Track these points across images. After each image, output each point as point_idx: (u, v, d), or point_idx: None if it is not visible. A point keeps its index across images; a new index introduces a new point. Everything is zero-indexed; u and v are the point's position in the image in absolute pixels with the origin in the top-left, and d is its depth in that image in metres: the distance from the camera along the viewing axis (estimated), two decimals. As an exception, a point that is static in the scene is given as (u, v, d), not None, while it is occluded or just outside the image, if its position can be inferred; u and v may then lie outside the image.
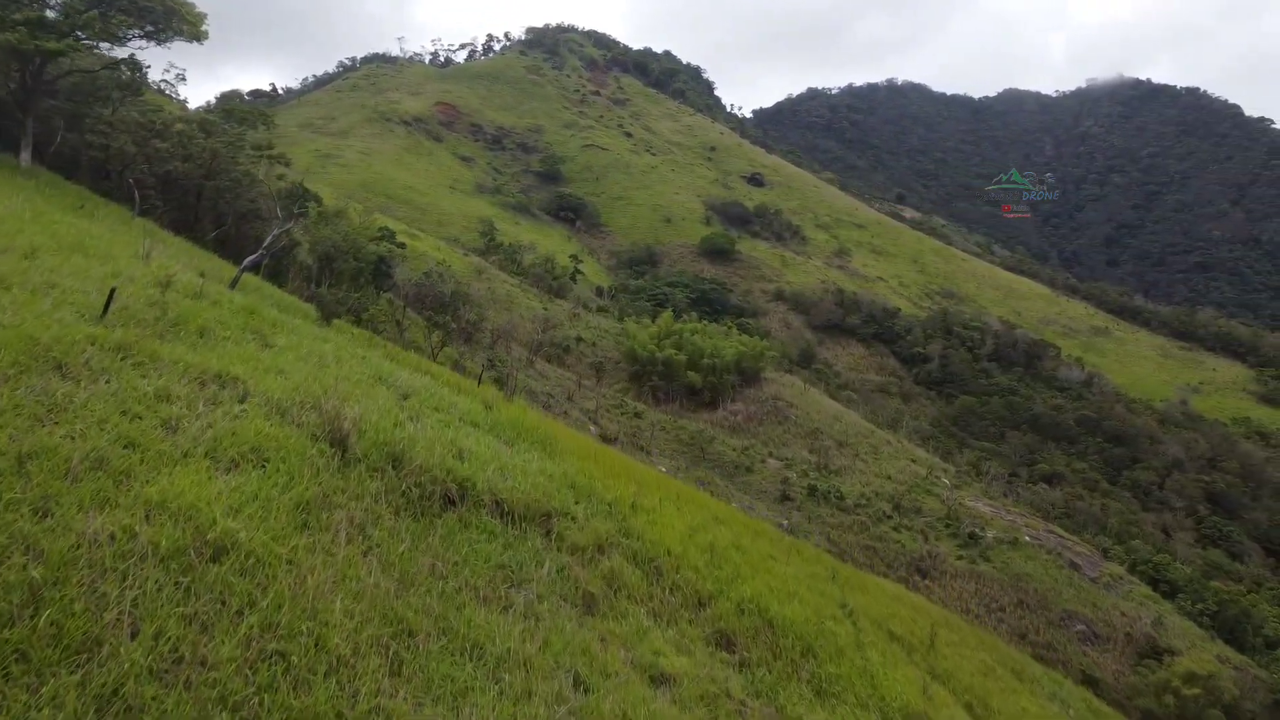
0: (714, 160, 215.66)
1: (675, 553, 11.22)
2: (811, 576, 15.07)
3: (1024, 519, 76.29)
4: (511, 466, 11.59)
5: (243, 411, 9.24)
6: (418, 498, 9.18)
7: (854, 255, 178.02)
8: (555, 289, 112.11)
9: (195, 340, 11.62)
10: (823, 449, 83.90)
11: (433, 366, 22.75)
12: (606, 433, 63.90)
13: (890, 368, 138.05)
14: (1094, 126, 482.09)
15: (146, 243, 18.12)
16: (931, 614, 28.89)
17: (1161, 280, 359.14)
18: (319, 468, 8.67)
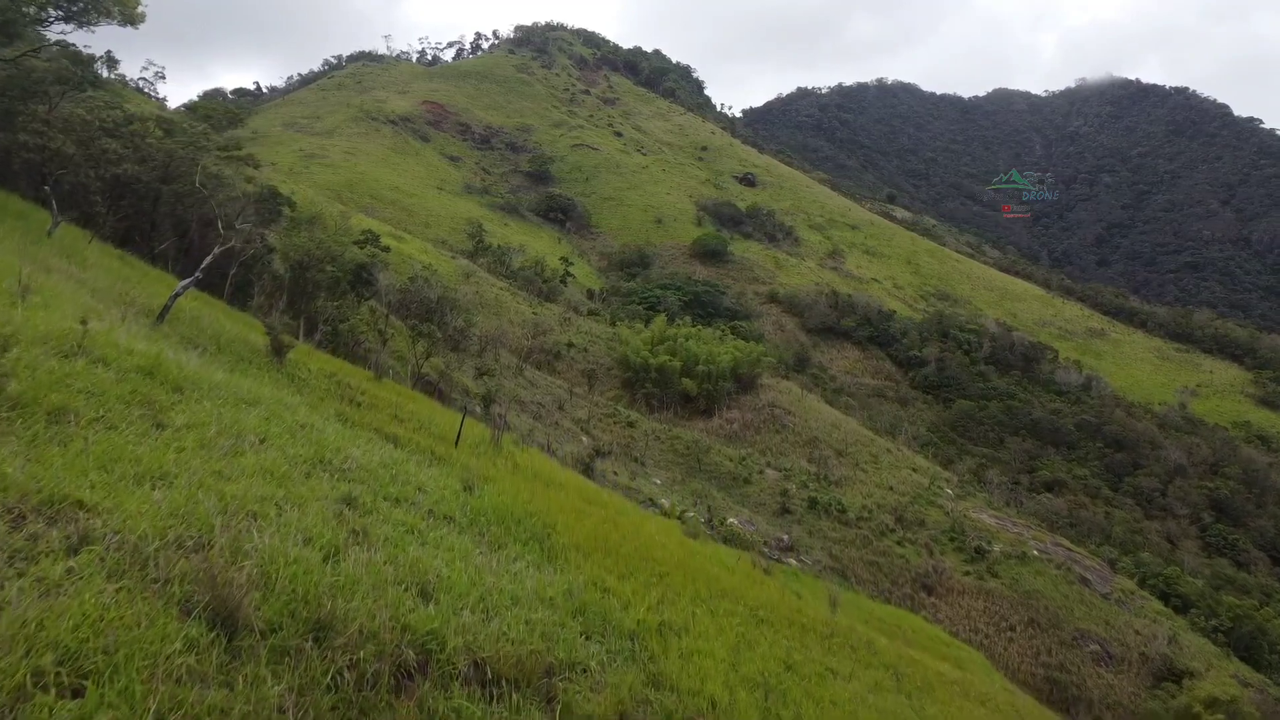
0: (706, 160, 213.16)
1: (721, 704, 8.25)
2: (876, 687, 12.46)
3: (1030, 531, 73.94)
4: (497, 593, 8.50)
5: (71, 573, 5.79)
6: (354, 685, 5.86)
7: (848, 256, 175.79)
8: (545, 292, 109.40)
9: (37, 433, 7.94)
10: (822, 458, 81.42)
11: (399, 428, 19.77)
12: (600, 445, 61.21)
13: (886, 371, 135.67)
14: (1083, 126, 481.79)
15: (26, 271, 13.79)
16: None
17: (1152, 280, 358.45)
18: (183, 673, 5.27)
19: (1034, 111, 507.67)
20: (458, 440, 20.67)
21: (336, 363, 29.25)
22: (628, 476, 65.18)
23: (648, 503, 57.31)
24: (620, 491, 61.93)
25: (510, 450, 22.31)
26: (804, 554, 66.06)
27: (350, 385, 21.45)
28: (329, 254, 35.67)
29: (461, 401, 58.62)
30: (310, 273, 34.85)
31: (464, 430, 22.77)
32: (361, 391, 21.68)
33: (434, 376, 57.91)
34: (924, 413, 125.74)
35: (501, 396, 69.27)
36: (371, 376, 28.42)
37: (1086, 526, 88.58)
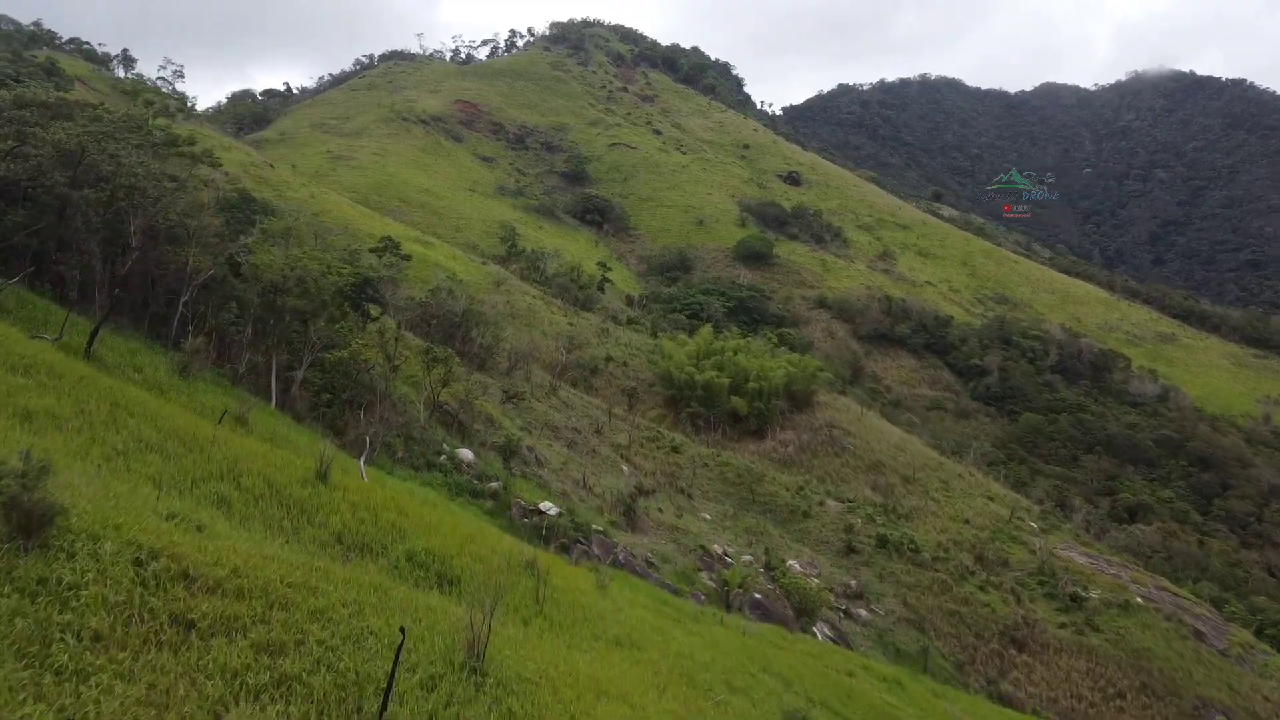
0: (748, 158, 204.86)
1: None
2: None
3: (1129, 572, 65.37)
4: None
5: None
6: None
7: (899, 258, 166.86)
8: (581, 300, 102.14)
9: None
10: (887, 486, 73.37)
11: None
12: (643, 483, 53.73)
13: (944, 381, 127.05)
14: (1135, 120, 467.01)
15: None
16: None
17: (1211, 279, 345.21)
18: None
19: (1083, 106, 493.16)
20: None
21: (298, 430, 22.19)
22: (674, 513, 57.72)
23: (699, 552, 49.73)
24: (666, 534, 54.51)
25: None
26: (874, 602, 58.16)
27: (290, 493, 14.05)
28: (303, 276, 28.47)
29: (484, 435, 51.46)
30: (283, 298, 27.78)
31: (487, 550, 15.64)
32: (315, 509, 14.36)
33: (453, 406, 50.75)
34: (987, 427, 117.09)
35: (532, 423, 62.06)
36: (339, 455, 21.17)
37: (1181, 559, 79.67)
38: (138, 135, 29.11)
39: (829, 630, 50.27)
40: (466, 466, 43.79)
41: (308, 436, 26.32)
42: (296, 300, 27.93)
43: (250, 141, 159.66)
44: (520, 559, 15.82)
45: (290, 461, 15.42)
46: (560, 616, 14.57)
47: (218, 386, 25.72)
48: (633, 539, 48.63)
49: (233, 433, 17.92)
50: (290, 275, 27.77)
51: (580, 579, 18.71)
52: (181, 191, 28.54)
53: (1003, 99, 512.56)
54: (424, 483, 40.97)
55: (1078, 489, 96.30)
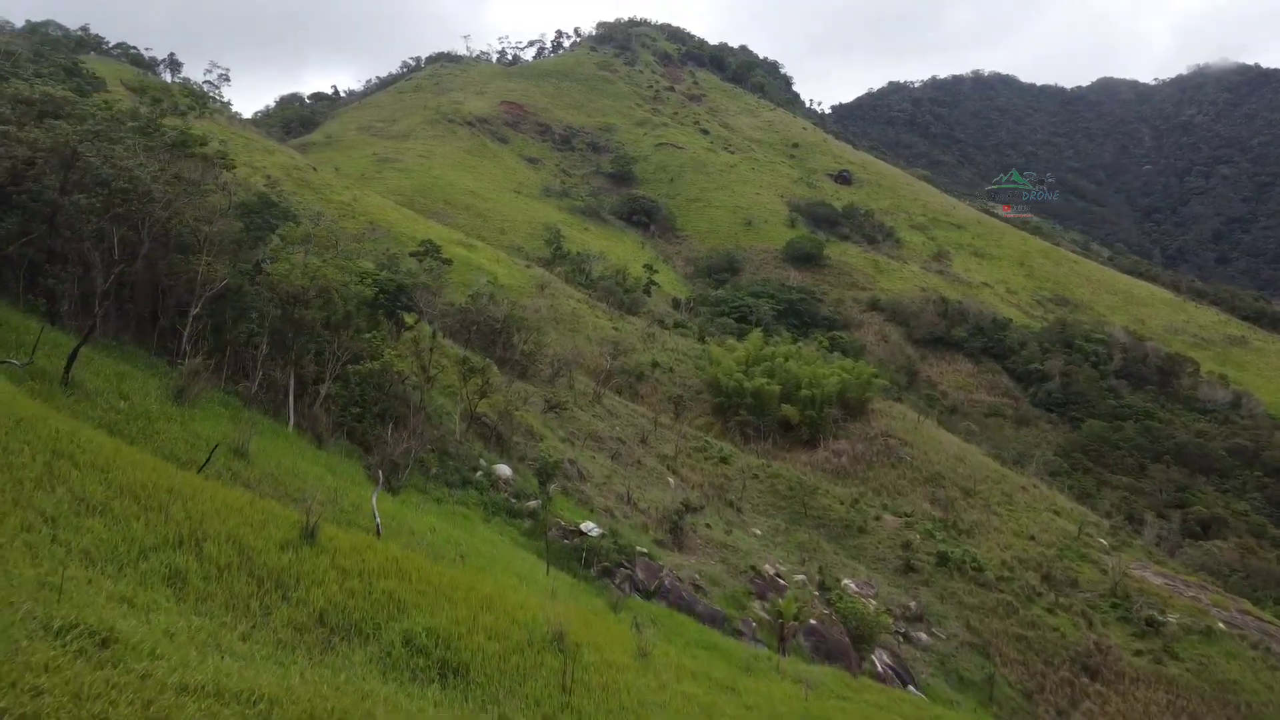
0: (797, 158, 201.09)
1: None
2: None
3: (1208, 594, 61.36)
4: None
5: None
6: None
7: (954, 258, 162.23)
8: (627, 304, 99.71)
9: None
10: (947, 500, 69.96)
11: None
12: (690, 499, 51.08)
13: (1003, 387, 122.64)
14: (1197, 115, 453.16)
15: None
16: None
17: (1279, 278, 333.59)
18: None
19: (1142, 101, 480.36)
20: None
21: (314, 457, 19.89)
22: (722, 529, 55.02)
23: (749, 574, 46.98)
24: (714, 553, 51.83)
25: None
26: (935, 625, 54.95)
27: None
28: (329, 285, 26.24)
29: (524, 448, 49.15)
30: (301, 310, 25.61)
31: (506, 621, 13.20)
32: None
33: (491, 418, 48.54)
34: (1048, 435, 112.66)
35: (574, 434, 59.71)
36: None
37: (1260, 578, 75.14)
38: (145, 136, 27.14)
39: (888, 658, 47.27)
40: (504, 484, 41.53)
41: (323, 465, 24.08)
42: (316, 312, 25.76)
43: (298, 145, 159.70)
44: (546, 630, 13.28)
45: (274, 515, 13.02)
46: (591, 708, 11.99)
47: (226, 408, 23.60)
48: (679, 559, 46.06)
49: (218, 479, 15.68)
50: (310, 286, 25.61)
51: (617, 643, 16.11)
52: (197, 195, 26.48)
53: (1058, 95, 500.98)
54: (458, 501, 38.78)
55: (1146, 501, 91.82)
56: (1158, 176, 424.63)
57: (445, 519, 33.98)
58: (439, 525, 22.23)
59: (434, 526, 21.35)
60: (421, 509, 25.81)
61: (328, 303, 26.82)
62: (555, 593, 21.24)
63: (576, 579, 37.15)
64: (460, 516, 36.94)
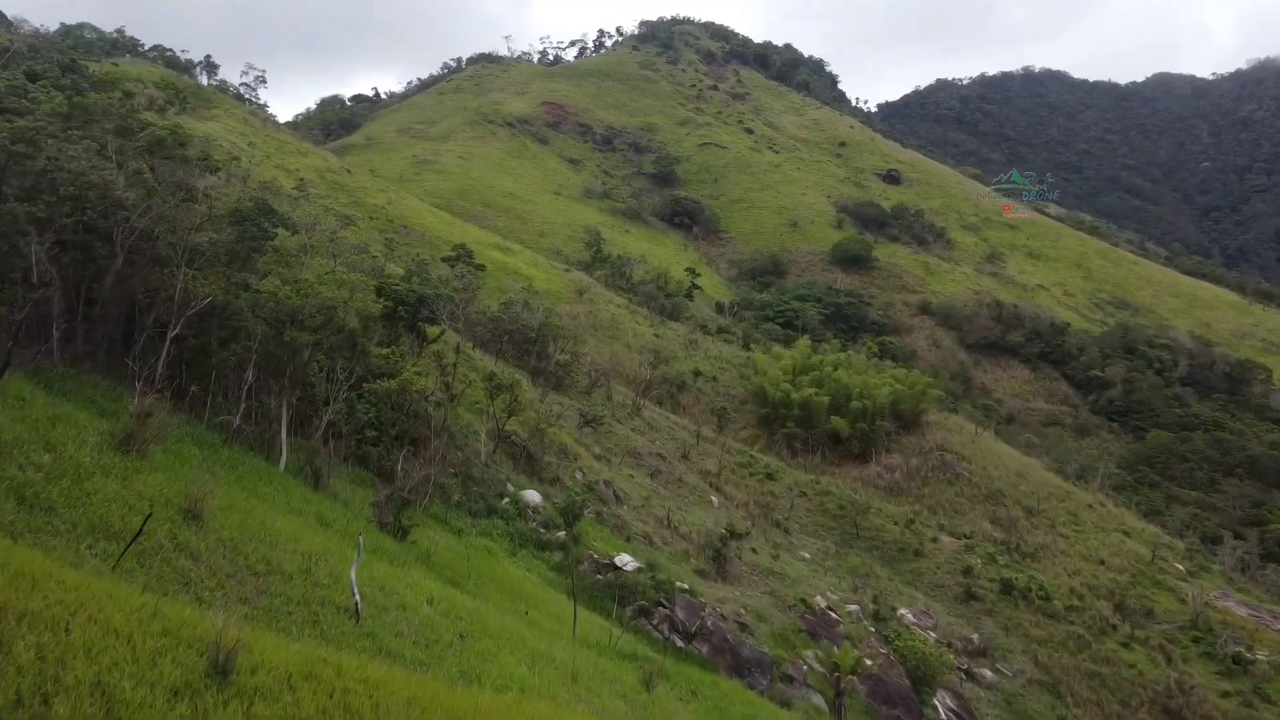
0: (844, 157, 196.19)
1: None
2: None
3: (1298, 626, 56.49)
4: None
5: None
6: None
7: (1008, 260, 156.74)
8: (669, 309, 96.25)
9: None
10: (1009, 520, 65.64)
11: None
12: (733, 524, 47.49)
13: (1062, 394, 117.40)
14: (1258, 111, 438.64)
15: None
16: None
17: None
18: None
19: (1199, 96, 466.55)
20: None
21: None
22: (769, 553, 51.38)
23: (799, 607, 43.27)
24: (761, 581, 48.21)
25: None
26: (1001, 660, 50.83)
27: None
28: (330, 301, 23.07)
29: (556, 468, 45.85)
30: (294, 332, 22.46)
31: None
32: None
33: (521, 436, 45.35)
34: (1110, 445, 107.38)
35: (611, 450, 56.37)
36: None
37: (1349, 605, 69.65)
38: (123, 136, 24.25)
39: (951, 701, 43.38)
40: (532, 512, 38.29)
41: (314, 513, 20.91)
42: (310, 335, 22.64)
43: (337, 147, 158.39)
44: None
45: (178, 636, 9.74)
46: None
47: (200, 449, 20.50)
48: (723, 591, 42.56)
49: (149, 559, 12.59)
50: (305, 304, 22.50)
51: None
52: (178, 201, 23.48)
53: (1111, 91, 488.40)
54: (481, 532, 35.62)
55: (1219, 519, 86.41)
56: (1216, 174, 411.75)
57: (463, 556, 30.86)
58: (439, 592, 18.89)
59: (433, 595, 18.05)
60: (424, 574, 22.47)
61: (329, 320, 23.72)
62: (577, 675, 17.87)
63: (610, 621, 33.88)
64: (483, 550, 33.78)
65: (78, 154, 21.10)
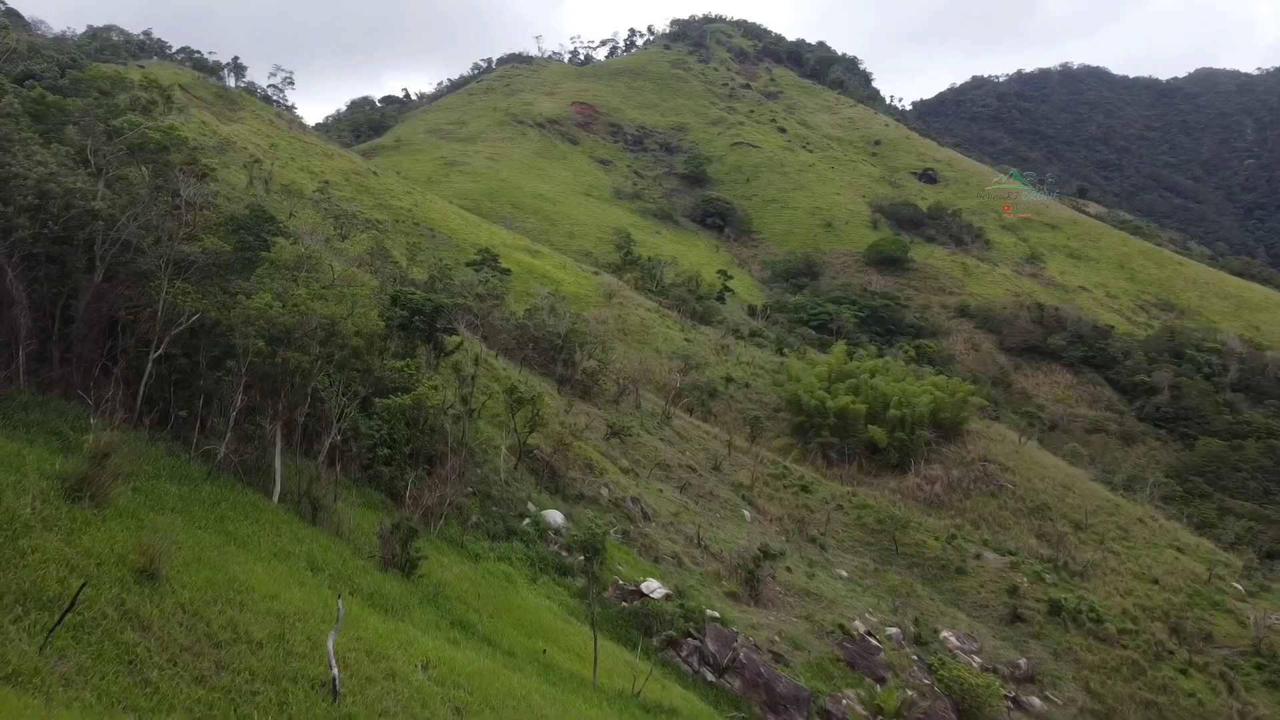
0: (879, 156, 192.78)
1: None
2: None
3: (1367, 652, 53.14)
4: None
5: None
6: None
7: (1048, 260, 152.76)
8: (700, 313, 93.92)
9: None
10: (1056, 535, 62.74)
11: None
12: (767, 544, 45.13)
13: (1106, 400, 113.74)
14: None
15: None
16: None
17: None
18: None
19: (1244, 92, 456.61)
20: None
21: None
22: (804, 571, 49.04)
23: (837, 634, 40.82)
24: (797, 603, 45.83)
25: None
26: (1050, 687, 48.04)
27: None
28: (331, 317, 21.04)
29: (580, 484, 43.73)
30: (287, 352, 20.50)
31: None
32: None
33: (545, 451, 43.30)
34: (1158, 453, 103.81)
35: (640, 462, 54.21)
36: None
37: None
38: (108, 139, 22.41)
39: (999, 733, 40.80)
40: (553, 534, 36.22)
41: (304, 555, 18.89)
42: (304, 355, 20.66)
43: (366, 148, 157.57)
44: None
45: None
46: None
47: (178, 485, 18.56)
48: (756, 616, 40.24)
49: (90, 631, 10.68)
50: (299, 323, 20.52)
51: None
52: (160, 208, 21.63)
53: (1153, 87, 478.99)
54: (500, 556, 33.57)
55: (1276, 532, 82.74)
56: (1261, 171, 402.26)
57: (478, 586, 28.85)
58: (438, 652, 16.75)
59: (430, 657, 15.92)
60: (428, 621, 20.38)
61: (329, 338, 21.74)
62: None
63: (636, 653, 31.74)
64: (500, 577, 31.76)
65: (46, 158, 19.31)
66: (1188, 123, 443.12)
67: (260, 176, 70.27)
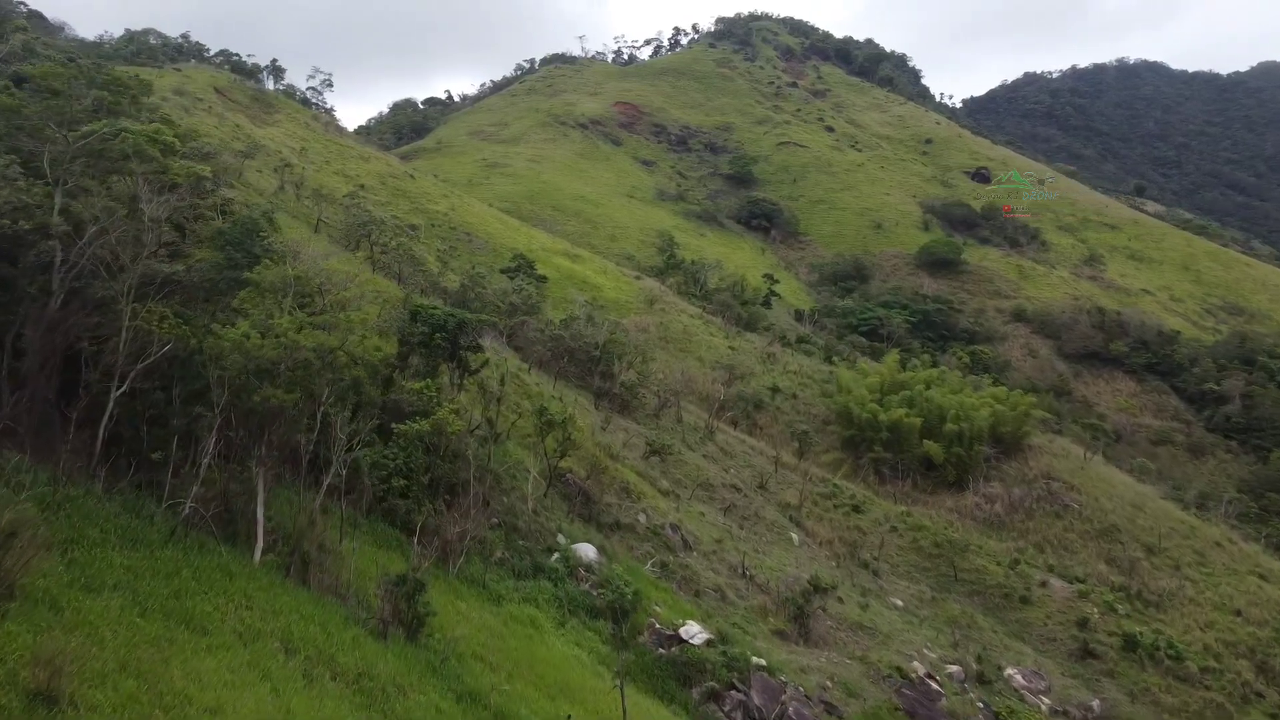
0: (930, 155, 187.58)
1: None
2: None
3: None
4: None
5: None
6: None
7: (1108, 262, 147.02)
8: (745, 319, 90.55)
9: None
10: (1127, 561, 58.50)
11: None
12: (818, 576, 41.76)
13: (1172, 409, 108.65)
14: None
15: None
16: None
17: None
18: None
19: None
20: None
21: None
22: (857, 603, 45.59)
23: (894, 678, 37.38)
24: (849, 639, 42.46)
25: None
26: (1127, 734, 44.21)
27: None
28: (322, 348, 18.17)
29: (616, 511, 40.68)
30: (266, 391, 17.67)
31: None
32: None
33: (578, 476, 40.37)
34: (1228, 466, 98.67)
35: (681, 482, 51.14)
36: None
37: None
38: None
39: (1075, 790, 37.21)
40: (585, 571, 33.20)
41: (274, 645, 15.97)
42: (285, 394, 17.89)
43: (407, 151, 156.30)
44: None
45: None
46: None
47: (129, 551, 15.80)
48: (806, 658, 36.95)
49: None
50: (283, 358, 17.73)
51: None
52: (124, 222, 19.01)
53: (1213, 82, 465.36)
54: (525, 598, 30.59)
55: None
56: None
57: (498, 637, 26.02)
58: None
59: None
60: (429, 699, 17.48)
61: (321, 370, 18.89)
62: None
63: (674, 709, 28.73)
64: (524, 623, 28.85)
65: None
66: (1250, 118, 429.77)
67: (292, 180, 68.23)
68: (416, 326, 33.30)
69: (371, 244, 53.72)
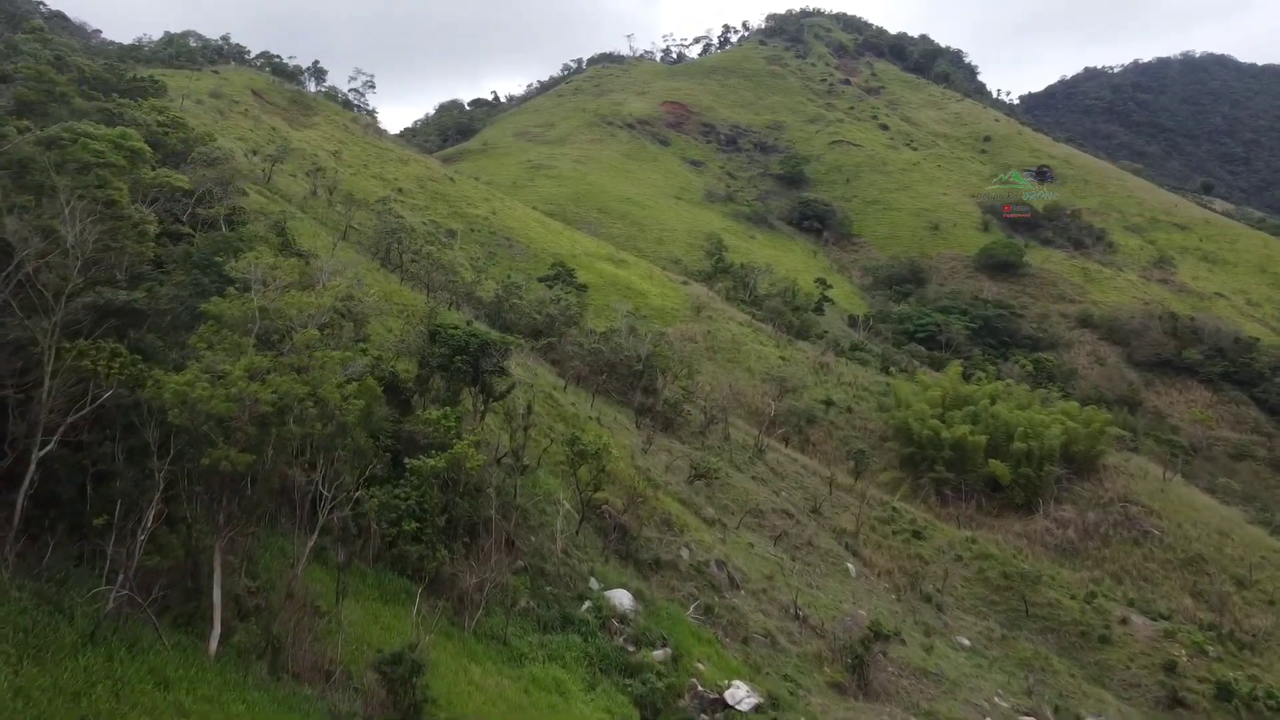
0: (989, 153, 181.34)
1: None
2: None
3: None
4: None
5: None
6: None
7: (1179, 264, 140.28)
8: (796, 327, 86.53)
9: None
10: (1217, 595, 53.70)
11: None
12: (878, 622, 37.85)
13: (1251, 420, 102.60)
14: None
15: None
16: None
17: None
18: None
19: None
20: None
21: None
22: (920, 645, 41.62)
23: (966, 741, 33.44)
24: (913, 689, 38.57)
25: None
26: (1223, 798, 39.82)
27: None
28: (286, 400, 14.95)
29: (657, 547, 37.18)
30: (219, 453, 14.50)
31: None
32: None
33: (614, 508, 36.93)
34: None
35: (728, 508, 47.52)
36: None
37: None
38: None
39: None
40: (619, 622, 29.75)
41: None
42: (239, 455, 14.65)
43: (452, 153, 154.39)
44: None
45: None
46: None
47: (21, 666, 12.66)
48: (867, 715, 33.23)
49: None
50: (229, 411, 14.53)
51: None
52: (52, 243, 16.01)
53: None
54: (551, 655, 27.23)
55: None
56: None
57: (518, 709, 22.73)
58: None
59: None
60: None
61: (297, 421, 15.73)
62: None
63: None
64: (549, 688, 25.48)
65: None
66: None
67: (324, 185, 65.77)
68: (435, 348, 30.18)
69: (400, 252, 50.87)
